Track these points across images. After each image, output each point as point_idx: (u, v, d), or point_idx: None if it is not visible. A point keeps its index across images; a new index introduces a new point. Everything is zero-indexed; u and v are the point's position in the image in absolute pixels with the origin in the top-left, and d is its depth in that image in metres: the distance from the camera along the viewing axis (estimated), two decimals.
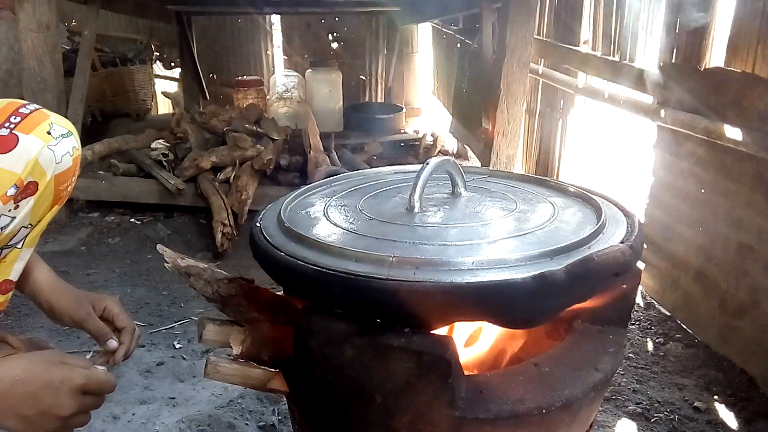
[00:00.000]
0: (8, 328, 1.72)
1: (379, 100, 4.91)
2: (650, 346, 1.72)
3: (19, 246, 0.98)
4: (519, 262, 0.75)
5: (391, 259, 0.75)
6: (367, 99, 4.98)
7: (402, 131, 3.92)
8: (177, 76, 4.98)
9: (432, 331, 0.76)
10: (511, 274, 0.72)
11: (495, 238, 0.83)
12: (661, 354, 1.67)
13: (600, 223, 0.86)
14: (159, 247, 0.86)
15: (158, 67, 4.97)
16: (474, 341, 1.06)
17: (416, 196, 0.92)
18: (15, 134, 0.88)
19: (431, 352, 0.72)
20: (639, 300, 1.96)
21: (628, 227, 0.88)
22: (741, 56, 1.62)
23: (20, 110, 0.91)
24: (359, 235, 0.85)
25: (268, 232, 0.88)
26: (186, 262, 0.84)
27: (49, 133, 0.91)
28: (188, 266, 0.84)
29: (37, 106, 0.94)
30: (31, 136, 0.88)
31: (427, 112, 4.98)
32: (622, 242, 0.81)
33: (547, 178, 1.11)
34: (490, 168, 1.16)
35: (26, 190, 0.89)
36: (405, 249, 0.80)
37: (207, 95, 4.41)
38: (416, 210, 0.92)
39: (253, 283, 0.86)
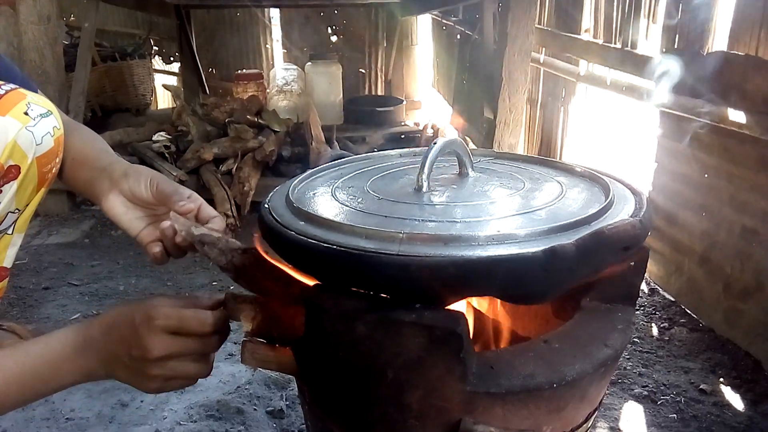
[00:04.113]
0: (14, 318, 1.72)
1: (379, 93, 4.91)
2: (655, 330, 1.72)
3: (10, 232, 0.96)
4: (529, 237, 0.75)
5: (401, 235, 0.75)
6: (367, 92, 4.97)
7: (402, 123, 3.92)
8: (176, 70, 4.98)
9: (443, 307, 0.76)
10: (521, 249, 0.73)
11: (504, 215, 0.83)
12: (666, 338, 1.67)
13: (608, 200, 0.86)
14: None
15: (157, 62, 4.96)
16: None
17: (424, 176, 0.92)
18: None
19: (443, 326, 0.72)
20: (643, 286, 1.97)
21: (636, 204, 0.88)
22: (744, 40, 1.62)
23: None
24: (368, 214, 0.85)
25: (276, 212, 0.88)
26: (200, 230, 0.83)
27: (26, 113, 0.87)
28: (202, 235, 0.82)
29: (14, 86, 0.89)
30: (7, 118, 0.84)
31: (427, 104, 4.97)
32: (631, 217, 0.81)
33: (553, 159, 1.11)
34: (496, 150, 1.16)
35: (7, 174, 0.86)
36: (414, 226, 0.80)
37: (207, 89, 4.41)
38: (424, 189, 0.92)
39: (267, 255, 0.86)
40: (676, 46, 1.88)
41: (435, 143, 0.93)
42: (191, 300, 0.81)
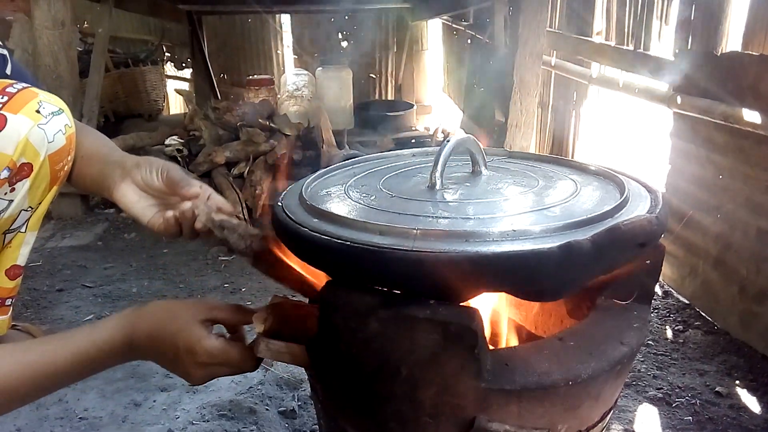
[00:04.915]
0: (29, 319, 1.73)
1: (389, 98, 4.92)
2: (669, 333, 1.70)
3: (23, 230, 0.97)
4: (544, 233, 0.75)
5: (415, 231, 0.75)
6: (377, 97, 4.98)
7: (413, 128, 3.93)
8: (188, 76, 5.01)
9: (457, 303, 0.76)
10: (536, 244, 0.72)
11: (518, 212, 0.83)
12: (681, 341, 1.66)
13: (623, 197, 0.86)
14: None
15: (170, 68, 5.00)
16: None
17: (438, 174, 0.91)
18: (3, 114, 0.84)
19: (457, 322, 0.72)
20: (657, 289, 1.95)
21: (652, 202, 0.87)
22: (758, 39, 1.61)
23: (7, 89, 0.87)
24: (381, 211, 0.85)
25: (290, 209, 0.88)
26: (220, 216, 0.85)
27: (38, 111, 0.88)
28: (222, 220, 0.85)
29: (25, 85, 0.90)
30: (19, 116, 0.85)
31: (437, 109, 4.97)
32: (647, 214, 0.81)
33: (567, 158, 1.10)
34: (509, 150, 1.15)
35: (20, 172, 0.87)
36: (428, 223, 0.80)
37: (218, 95, 4.44)
38: (438, 187, 0.91)
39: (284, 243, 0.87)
40: (689, 47, 1.87)
41: (448, 141, 0.93)
42: (239, 310, 0.86)
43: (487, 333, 0.98)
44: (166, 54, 4.90)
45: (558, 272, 0.72)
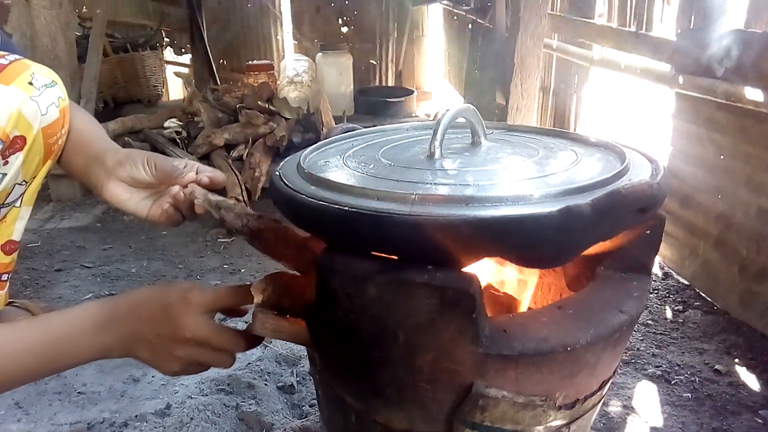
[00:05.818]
0: (27, 298, 1.73)
1: (389, 84, 4.89)
2: (669, 313, 1.70)
3: (18, 205, 0.96)
4: (543, 199, 0.74)
5: (413, 196, 0.74)
6: (377, 83, 4.95)
7: (413, 114, 3.91)
8: (188, 61, 4.99)
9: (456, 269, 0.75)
10: (536, 209, 0.71)
11: (517, 179, 0.82)
12: (680, 321, 1.65)
13: (624, 165, 0.85)
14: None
15: (169, 53, 4.97)
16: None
17: (437, 142, 0.91)
18: None
19: (455, 287, 0.71)
20: (657, 270, 1.95)
21: (653, 170, 0.87)
22: (762, 17, 1.59)
23: None
24: (380, 179, 0.85)
25: (287, 178, 0.88)
26: (216, 197, 0.86)
27: (30, 83, 0.86)
28: (219, 200, 0.86)
29: (17, 56, 0.88)
30: (11, 87, 0.83)
31: (438, 95, 4.95)
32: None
33: (567, 131, 1.09)
34: (509, 123, 1.15)
35: (13, 145, 0.86)
36: (427, 189, 0.79)
37: (218, 80, 4.42)
38: (436, 156, 0.91)
39: (281, 223, 0.87)
40: (692, 27, 1.85)
41: (448, 110, 0.92)
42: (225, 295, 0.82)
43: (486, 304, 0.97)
44: (165, 39, 4.86)
45: (557, 237, 0.71)
